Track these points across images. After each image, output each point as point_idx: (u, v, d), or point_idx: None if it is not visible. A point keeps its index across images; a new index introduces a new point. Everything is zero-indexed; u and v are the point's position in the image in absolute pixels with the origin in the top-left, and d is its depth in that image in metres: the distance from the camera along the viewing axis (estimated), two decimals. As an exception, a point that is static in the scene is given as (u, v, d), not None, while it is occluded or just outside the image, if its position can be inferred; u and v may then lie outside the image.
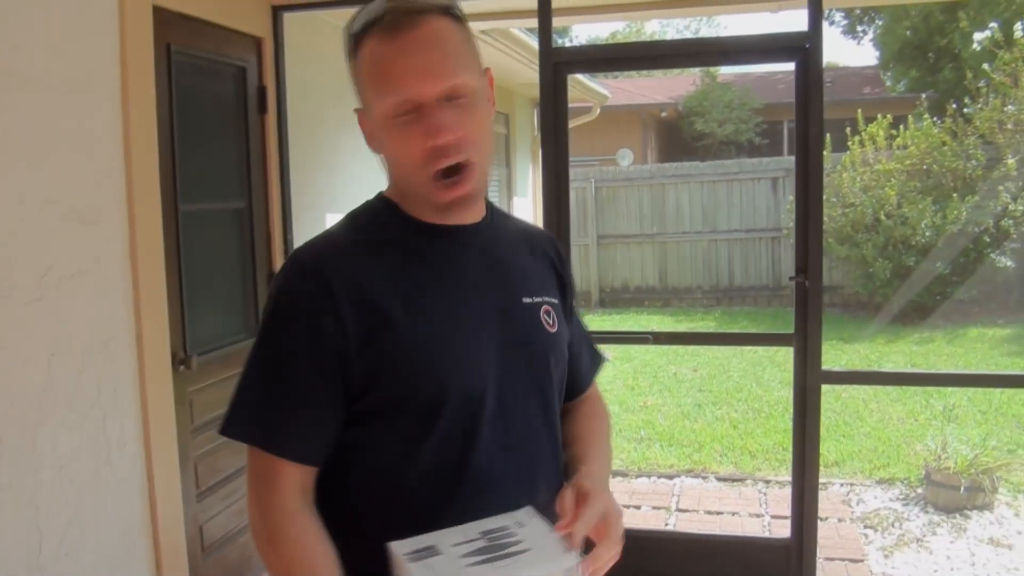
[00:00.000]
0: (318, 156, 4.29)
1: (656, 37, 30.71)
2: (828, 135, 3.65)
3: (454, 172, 1.26)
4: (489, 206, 1.45)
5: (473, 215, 1.38)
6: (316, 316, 1.25)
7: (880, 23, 17.63)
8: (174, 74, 3.10)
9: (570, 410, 1.54)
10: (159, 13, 2.98)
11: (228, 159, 3.54)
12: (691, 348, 9.39)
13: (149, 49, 2.92)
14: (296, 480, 1.26)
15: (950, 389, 7.11)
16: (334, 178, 4.47)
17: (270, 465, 1.25)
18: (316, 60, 4.27)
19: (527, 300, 1.39)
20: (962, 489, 4.64)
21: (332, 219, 1.38)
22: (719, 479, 5.45)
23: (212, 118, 3.48)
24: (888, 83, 18.18)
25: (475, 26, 5.72)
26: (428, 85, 1.23)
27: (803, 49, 3.33)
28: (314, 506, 1.28)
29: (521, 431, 1.34)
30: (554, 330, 1.41)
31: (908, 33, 16.14)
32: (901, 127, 10.32)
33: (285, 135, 3.74)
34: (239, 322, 3.63)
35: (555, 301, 1.44)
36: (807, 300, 3.42)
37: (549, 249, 1.52)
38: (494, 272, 1.38)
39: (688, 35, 32.82)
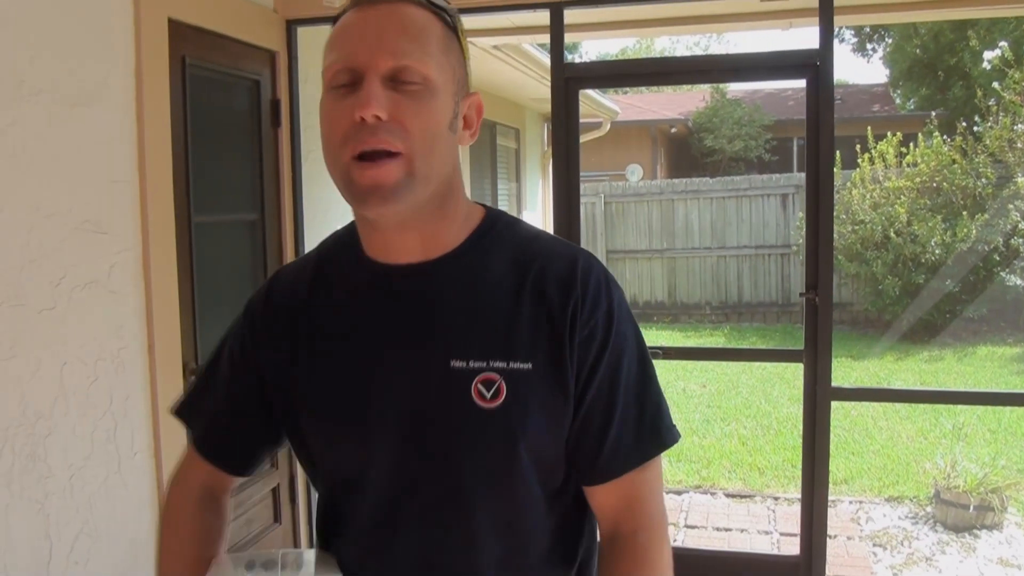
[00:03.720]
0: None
1: (665, 54, 30.81)
2: (838, 152, 3.66)
3: (376, 157, 1.05)
4: (480, 230, 1.19)
5: (422, 244, 1.15)
6: (248, 330, 1.28)
7: (890, 41, 17.70)
8: (188, 87, 3.12)
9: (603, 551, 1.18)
10: (174, 26, 3.00)
11: (241, 171, 3.56)
12: (700, 364, 9.39)
13: (164, 61, 2.94)
14: (200, 475, 1.28)
15: (959, 407, 7.09)
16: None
17: (188, 451, 1.30)
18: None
19: (456, 364, 1.10)
20: (971, 508, 4.62)
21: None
22: (728, 495, 5.43)
23: (226, 131, 3.50)
24: (898, 101, 18.21)
25: (487, 41, 5.69)
26: (374, 55, 1.04)
27: (814, 66, 3.34)
28: (221, 507, 1.28)
29: (417, 532, 1.14)
30: (493, 405, 1.09)
31: (918, 51, 16.19)
32: (911, 145, 10.32)
33: (298, 148, 3.76)
34: (249, 333, 3.62)
35: (521, 366, 1.10)
36: (817, 316, 3.42)
37: (553, 289, 1.13)
38: (421, 327, 1.13)
39: (698, 52, 32.93)
